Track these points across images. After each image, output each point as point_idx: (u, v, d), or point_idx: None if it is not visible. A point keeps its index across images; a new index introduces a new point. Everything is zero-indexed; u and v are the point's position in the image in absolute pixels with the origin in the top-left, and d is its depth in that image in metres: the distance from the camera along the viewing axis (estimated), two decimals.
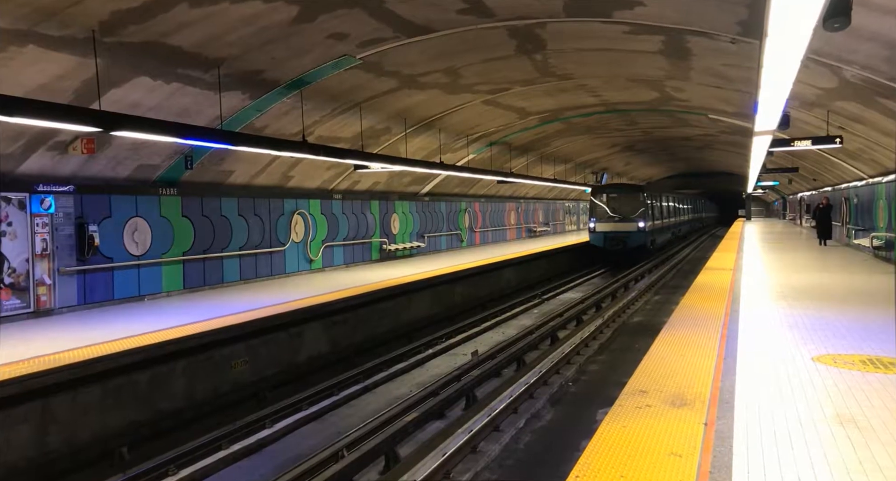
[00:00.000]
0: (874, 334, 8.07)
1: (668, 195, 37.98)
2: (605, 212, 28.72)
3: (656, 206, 31.52)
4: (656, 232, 31.86)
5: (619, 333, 14.00)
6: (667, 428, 4.75)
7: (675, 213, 40.56)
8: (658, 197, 33.35)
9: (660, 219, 33.45)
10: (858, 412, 5.21)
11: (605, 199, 29.06)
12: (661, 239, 34.41)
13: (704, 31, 10.92)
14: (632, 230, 27.95)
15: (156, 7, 8.41)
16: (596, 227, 28.55)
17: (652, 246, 31.63)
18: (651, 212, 29.16)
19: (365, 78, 13.21)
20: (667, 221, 36.02)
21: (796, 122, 15.41)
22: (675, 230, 40.70)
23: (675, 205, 40.47)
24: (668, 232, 36.78)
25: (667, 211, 36.58)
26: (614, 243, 27.89)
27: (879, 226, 18.23)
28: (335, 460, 6.85)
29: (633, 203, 28.61)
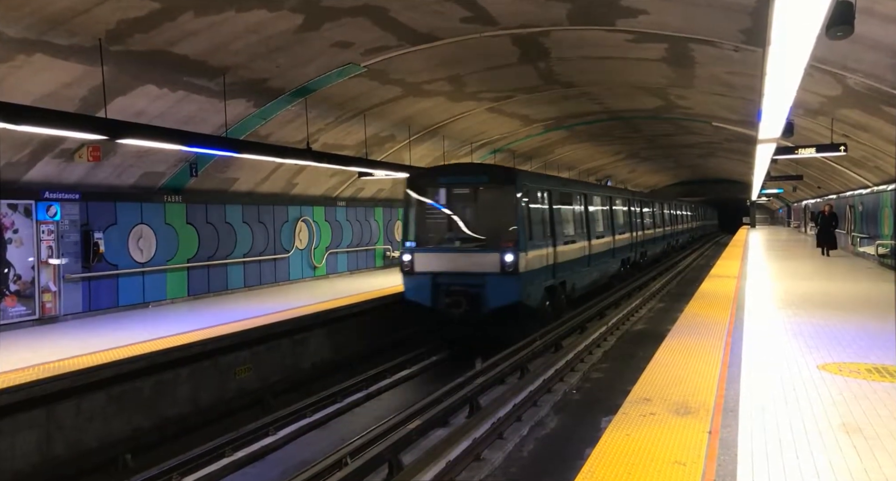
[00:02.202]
0: (880, 343, 8.04)
1: (657, 202, 31.23)
2: (437, 229, 13.54)
3: (623, 214, 22.27)
4: (635, 247, 24.04)
5: (623, 341, 13.97)
6: (671, 437, 4.74)
7: (670, 222, 34.27)
8: (643, 203, 26.80)
9: (649, 229, 27.28)
10: (864, 421, 5.18)
11: (439, 199, 13.62)
12: (652, 250, 28.19)
13: (708, 39, 10.94)
14: (491, 271, 12.29)
15: (162, 16, 8.47)
16: (415, 263, 12.88)
17: (642, 259, 25.56)
18: (560, 226, 14.89)
19: (369, 86, 13.27)
20: (655, 232, 29.03)
21: (800, 130, 15.40)
22: (671, 241, 34.51)
23: (669, 213, 34.56)
24: (656, 244, 29.61)
25: (659, 219, 30.51)
26: (454, 301, 12.40)
27: (884, 234, 18.17)
28: (339, 467, 6.84)
29: (497, 207, 13.08)
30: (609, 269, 20.04)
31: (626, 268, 22.95)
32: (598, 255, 18.11)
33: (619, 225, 21.43)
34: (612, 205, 20.67)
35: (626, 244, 22.44)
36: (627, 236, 22.68)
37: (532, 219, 13.05)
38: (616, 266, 21.00)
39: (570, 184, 17.56)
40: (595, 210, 18.79)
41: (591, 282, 17.83)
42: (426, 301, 12.62)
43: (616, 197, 21.76)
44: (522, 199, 12.72)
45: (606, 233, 19.49)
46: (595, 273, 18.01)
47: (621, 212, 22.19)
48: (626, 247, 22.49)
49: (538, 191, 13.94)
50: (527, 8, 10.32)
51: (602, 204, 19.75)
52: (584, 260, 16.77)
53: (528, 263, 12.44)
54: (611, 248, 19.87)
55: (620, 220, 21.87)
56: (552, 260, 13.98)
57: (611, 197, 20.92)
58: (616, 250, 20.60)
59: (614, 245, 20.33)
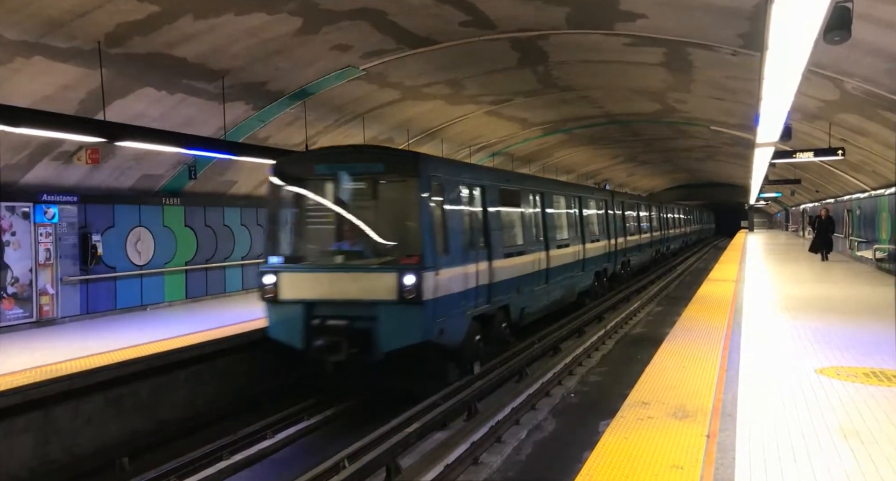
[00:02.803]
0: (878, 347, 8.04)
1: (643, 204, 28.05)
2: (312, 239, 10.35)
3: (597, 218, 19.13)
4: (615, 256, 20.46)
5: (621, 344, 13.97)
6: (669, 440, 4.73)
7: (659, 226, 31.17)
8: (626, 205, 23.43)
9: (633, 235, 24.03)
10: (862, 425, 5.18)
11: (315, 195, 10.06)
12: (637, 259, 24.95)
13: (706, 44, 10.98)
14: (384, 299, 8.76)
15: (161, 19, 8.48)
16: (280, 287, 9.22)
17: (624, 270, 22.04)
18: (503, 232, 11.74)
19: (368, 89, 13.29)
20: (640, 238, 25.68)
21: (798, 134, 15.44)
22: (660, 247, 31.44)
23: (659, 216, 31.41)
24: (643, 252, 26.17)
25: (646, 224, 27.43)
26: (330, 343, 8.70)
27: (882, 238, 18.21)
28: (336, 470, 6.83)
29: (396, 207, 10.13)
30: (578, 285, 16.56)
31: (604, 280, 19.51)
32: (560, 269, 14.71)
33: (592, 231, 18.19)
34: (582, 208, 17.33)
35: (602, 254, 18.95)
36: (603, 244, 19.11)
37: (450, 224, 9.50)
38: (587, 280, 17.44)
39: (518, 180, 13.75)
40: (556, 213, 15.36)
41: (552, 303, 14.45)
42: (296, 341, 8.91)
43: (588, 197, 18.45)
44: (433, 198, 9.15)
45: (574, 240, 16.14)
46: (556, 291, 14.62)
47: (596, 216, 19.05)
48: (602, 258, 19.00)
49: (462, 186, 10.25)
50: (525, 12, 10.34)
51: (568, 206, 16.35)
52: (539, 276, 13.35)
53: (439, 286, 8.85)
54: (579, 260, 16.45)
55: (594, 225, 18.72)
56: (486, 279, 10.51)
57: (580, 197, 17.43)
58: (588, 261, 17.14)
59: (584, 255, 16.80)
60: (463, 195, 10.33)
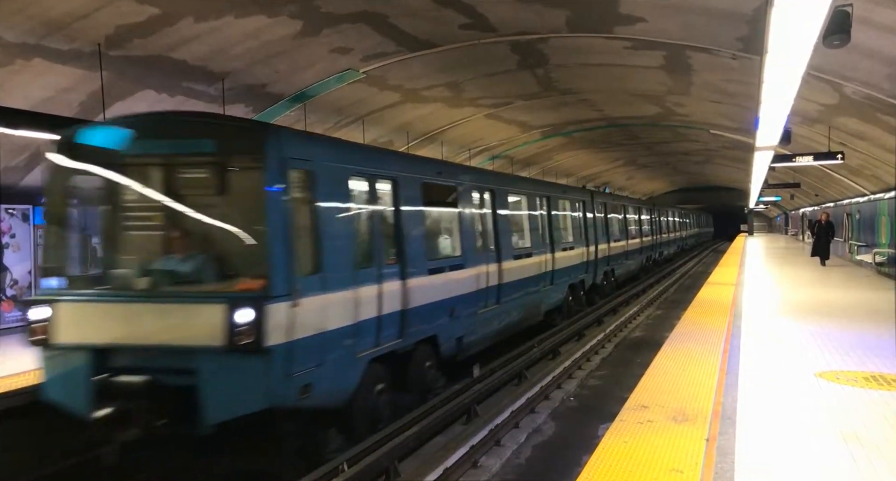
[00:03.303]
0: (877, 351, 8.04)
1: (631, 206, 25.03)
2: (106, 250, 7.21)
3: (571, 222, 16.52)
4: (594, 265, 17.75)
5: (621, 348, 13.97)
6: (668, 444, 4.72)
7: (651, 231, 28.33)
8: (609, 207, 20.57)
9: (619, 240, 21.32)
10: (862, 429, 5.18)
11: (113, 185, 6.88)
12: (624, 268, 22.27)
13: (705, 47, 10.99)
14: (206, 344, 5.72)
15: (161, 21, 8.49)
16: (57, 325, 6.08)
17: (606, 281, 19.56)
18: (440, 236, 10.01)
19: (368, 92, 13.30)
20: (628, 244, 22.84)
21: (798, 138, 15.46)
22: (651, 253, 28.72)
23: (651, 219, 28.60)
24: (631, 259, 23.50)
25: (635, 228, 24.78)
26: (121, 410, 5.70)
27: (882, 242, 18.22)
28: (335, 474, 6.81)
29: (232, 205, 6.79)
30: (545, 301, 13.77)
31: (580, 294, 16.90)
32: (518, 284, 11.92)
33: (564, 236, 15.48)
34: (551, 209, 14.51)
35: (578, 263, 16.32)
36: (580, 252, 16.45)
37: (328, 231, 6.69)
38: (558, 295, 14.77)
39: (454, 173, 10.26)
40: (513, 216, 12.38)
41: (506, 327, 11.67)
42: (79, 406, 5.96)
43: (559, 198, 15.33)
44: (294, 192, 6.29)
45: (539, 248, 13.34)
46: (513, 312, 11.86)
47: (570, 220, 16.41)
48: (578, 268, 16.28)
49: (355, 177, 7.36)
50: (526, 15, 10.36)
51: (531, 206, 13.42)
52: (486, 294, 10.45)
53: (300, 322, 6.05)
54: (546, 272, 13.66)
55: (568, 230, 16.09)
56: (396, 303, 7.75)
57: (548, 197, 14.44)
58: (559, 273, 14.51)
59: (553, 266, 14.13)
60: (356, 190, 7.37)
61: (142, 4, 8.01)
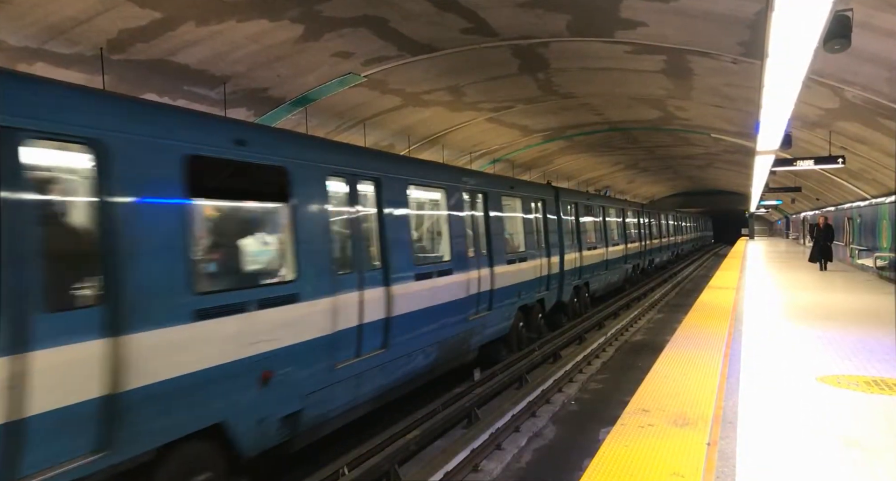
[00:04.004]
0: (879, 355, 8.03)
1: (612, 207, 22.16)
2: None
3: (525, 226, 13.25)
4: (559, 281, 14.80)
5: (622, 352, 13.96)
6: (669, 448, 4.72)
7: (638, 236, 25.88)
8: (581, 208, 17.63)
9: (595, 248, 18.49)
10: (863, 434, 5.17)
11: None
12: (601, 280, 19.44)
13: (706, 51, 11.01)
14: None
15: (163, 25, 8.52)
16: None
17: (577, 297, 16.84)
18: None
19: (369, 95, 13.32)
20: (608, 252, 19.97)
21: (798, 142, 15.47)
22: (638, 261, 26.09)
23: (637, 222, 25.86)
24: (612, 271, 20.72)
25: (618, 233, 22.19)
26: None
27: (883, 246, 18.21)
28: (336, 478, 6.81)
29: None
30: (474, 335, 10.19)
31: (540, 316, 13.69)
32: (421, 317, 8.40)
33: (509, 245, 12.22)
34: (488, 210, 11.06)
35: (532, 279, 12.90)
36: (535, 265, 13.14)
37: None
38: (500, 323, 11.20)
39: (279, 144, 6.57)
40: (407, 218, 8.56)
41: (400, 380, 8.32)
42: None
43: (502, 194, 11.89)
44: None
45: (463, 263, 9.77)
46: (411, 359, 8.42)
47: (521, 223, 13.04)
48: (532, 285, 12.88)
49: None
50: (527, 19, 10.38)
51: (450, 206, 9.78)
52: (350, 339, 7.03)
53: None
54: (476, 294, 10.03)
55: (518, 237, 12.88)
56: (99, 387, 4.37)
57: (484, 194, 10.94)
58: (502, 293, 11.05)
59: (492, 284, 10.69)
60: None
61: (144, 9, 8.03)
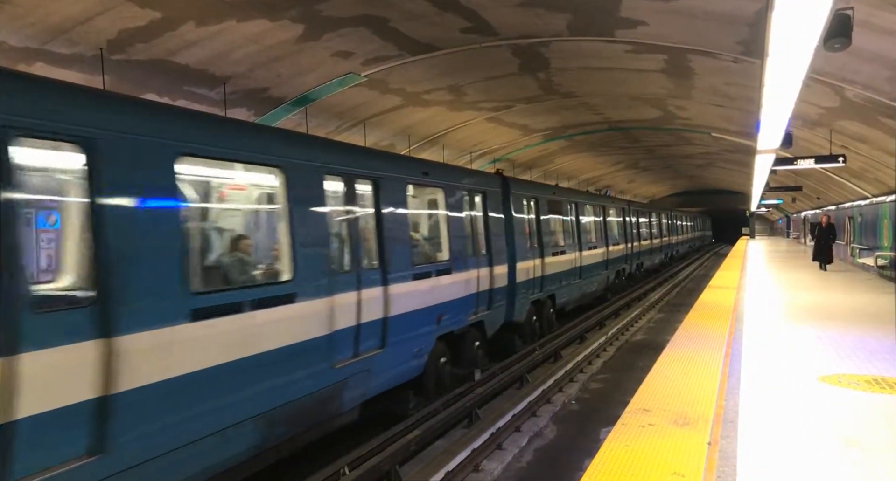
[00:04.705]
0: (879, 354, 8.02)
1: (601, 206, 19.96)
2: None
3: (461, 227, 10.11)
4: (507, 297, 11.77)
5: (623, 351, 13.95)
6: (670, 448, 4.71)
7: (624, 237, 23.11)
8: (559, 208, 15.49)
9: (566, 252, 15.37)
10: (863, 434, 5.17)
11: None
12: (574, 291, 16.20)
13: (706, 51, 11.00)
14: None
15: (163, 26, 8.52)
16: None
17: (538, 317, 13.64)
18: None
19: (370, 95, 13.32)
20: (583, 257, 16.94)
21: (799, 141, 15.46)
22: (627, 264, 23.55)
23: (622, 222, 23.14)
24: (591, 276, 17.78)
25: (597, 233, 19.20)
26: None
27: (883, 246, 18.19)
28: (336, 478, 6.81)
29: None
30: (341, 399, 7.16)
31: (476, 347, 10.53)
32: (210, 382, 5.27)
33: (420, 255, 9.20)
34: (379, 206, 7.98)
35: (457, 299, 9.65)
36: (462, 278, 9.81)
37: None
38: (410, 362, 8.51)
39: None
40: (213, 219, 6.62)
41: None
42: None
43: (401, 180, 8.61)
44: None
45: (312, 287, 6.51)
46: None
47: (445, 223, 9.76)
48: (458, 307, 9.71)
49: None
50: (527, 19, 10.38)
51: (298, 197, 6.47)
52: None
53: None
54: (338, 331, 6.87)
55: (441, 241, 9.76)
56: None
57: (373, 183, 7.84)
58: (401, 324, 8.12)
59: (387, 310, 7.87)
60: None
61: (144, 9, 8.03)
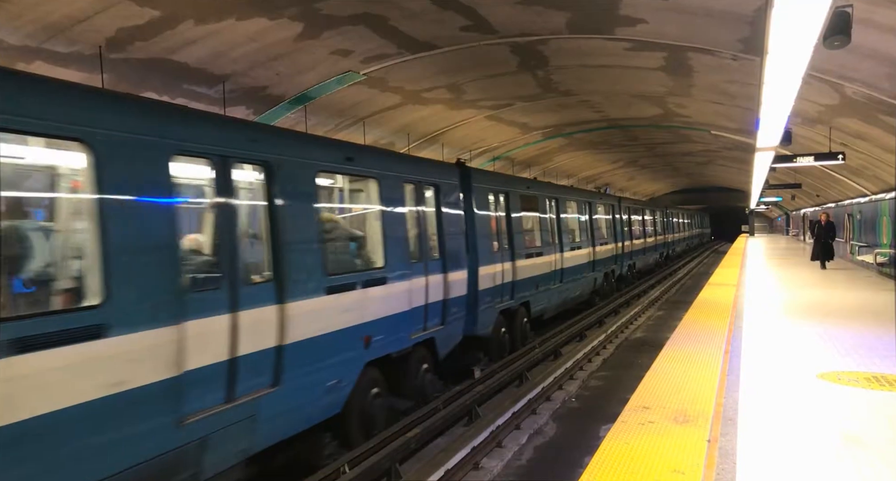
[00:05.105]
0: (879, 351, 8.03)
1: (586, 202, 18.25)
2: None
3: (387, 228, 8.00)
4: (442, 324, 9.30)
5: (622, 349, 13.97)
6: (670, 445, 4.72)
7: (612, 234, 21.45)
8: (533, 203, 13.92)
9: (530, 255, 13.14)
10: (863, 431, 5.17)
11: None
12: (553, 299, 14.45)
13: (706, 48, 11.00)
14: None
15: (162, 24, 8.50)
16: None
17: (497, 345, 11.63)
18: None
19: (369, 93, 13.31)
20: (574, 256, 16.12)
21: (798, 139, 15.46)
22: (617, 265, 21.90)
23: (618, 219, 22.02)
24: (573, 283, 16.05)
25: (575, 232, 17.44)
26: None
27: (883, 243, 18.20)
28: (337, 476, 6.82)
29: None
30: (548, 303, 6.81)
31: (426, 370, 9.04)
32: None
33: (316, 264, 6.67)
34: (271, 198, 6.15)
35: (390, 316, 7.93)
36: (398, 290, 8.19)
37: None
38: (311, 405, 6.62)
39: None
40: None
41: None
42: None
43: (318, 170, 7.01)
44: None
45: (131, 315, 4.59)
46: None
47: (379, 221, 8.12)
48: (387, 325, 7.87)
49: None
50: (526, 17, 10.37)
51: (114, 183, 4.59)
52: None
53: None
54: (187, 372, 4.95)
55: (372, 245, 8.12)
56: None
57: (265, 169, 6.04)
58: (304, 353, 6.32)
59: (282, 337, 6.05)
60: None
61: (142, 7, 8.02)
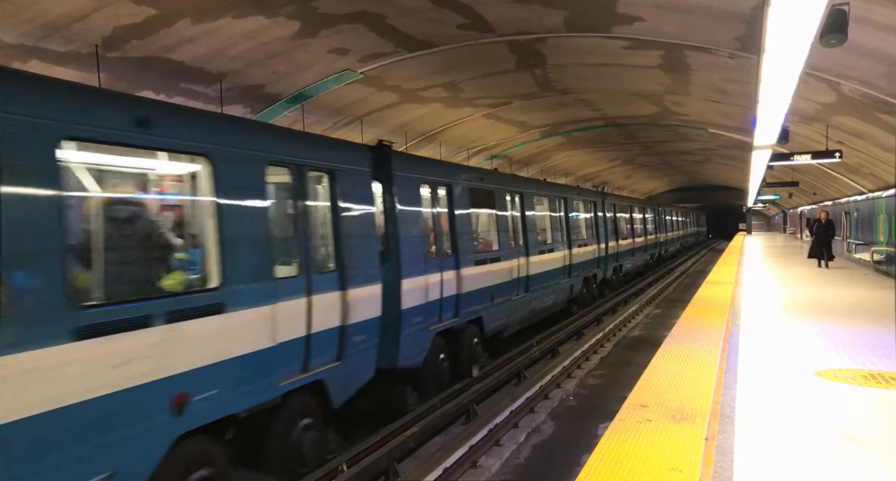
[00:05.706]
0: (876, 349, 8.05)
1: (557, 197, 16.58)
2: None
3: None
4: None
5: (620, 347, 13.98)
6: (667, 443, 4.73)
7: (602, 233, 20.40)
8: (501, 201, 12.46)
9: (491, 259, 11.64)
10: (860, 428, 5.18)
11: None
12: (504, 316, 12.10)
13: (703, 47, 11.00)
14: None
15: (159, 22, 8.49)
16: None
17: None
18: None
19: (366, 92, 13.29)
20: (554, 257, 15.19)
21: (796, 137, 15.47)
22: (603, 267, 20.64)
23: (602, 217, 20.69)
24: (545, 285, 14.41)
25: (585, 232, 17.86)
26: None
27: (880, 241, 18.24)
28: (335, 474, 6.82)
29: None
30: None
31: (308, 426, 6.69)
32: None
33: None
34: None
35: (237, 360, 5.53)
36: (267, 313, 5.90)
37: None
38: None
39: None
40: None
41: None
42: None
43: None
44: None
45: None
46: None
47: (257, 224, 5.98)
48: (238, 372, 5.57)
49: None
50: (523, 15, 10.36)
51: None
52: None
53: None
54: None
55: (254, 254, 5.87)
56: None
57: None
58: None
59: None
60: None
61: (139, 6, 8.00)
